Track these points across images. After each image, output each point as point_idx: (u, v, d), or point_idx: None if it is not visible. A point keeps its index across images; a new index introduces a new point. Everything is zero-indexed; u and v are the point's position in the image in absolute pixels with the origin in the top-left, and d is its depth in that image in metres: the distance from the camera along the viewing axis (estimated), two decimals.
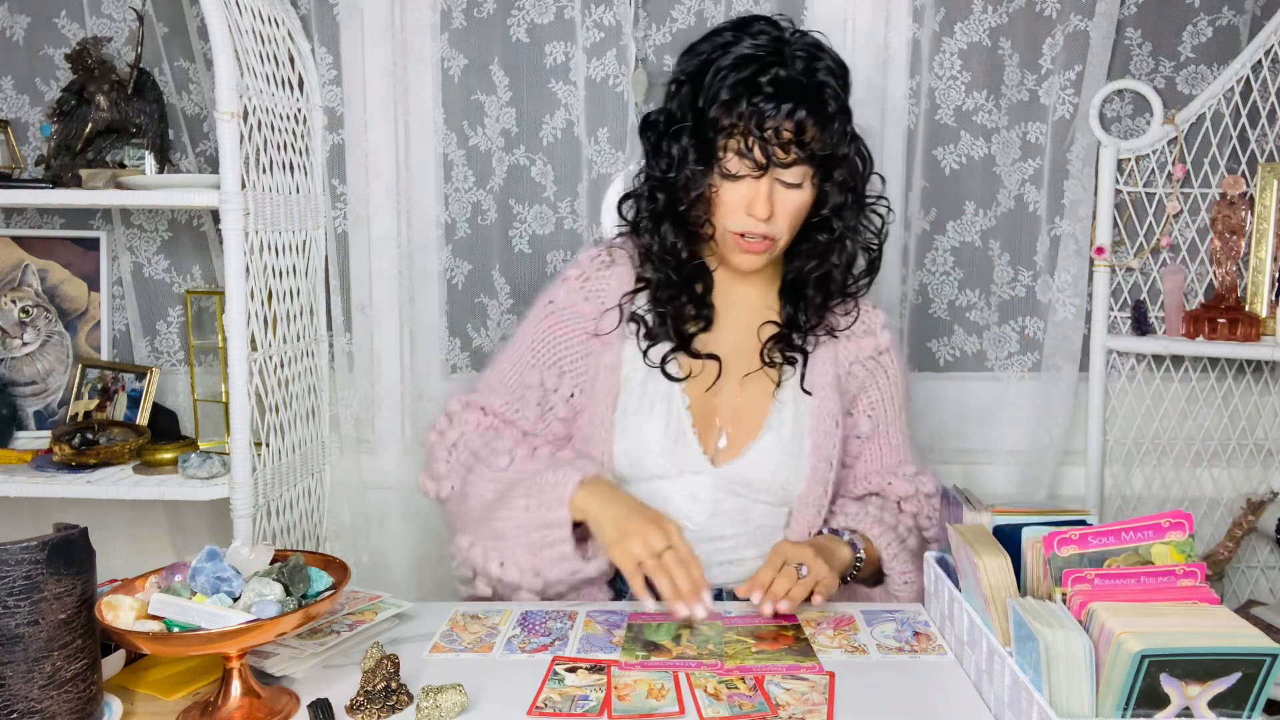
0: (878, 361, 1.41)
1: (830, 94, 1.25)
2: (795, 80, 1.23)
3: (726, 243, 1.30)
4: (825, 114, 1.24)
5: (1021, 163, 1.79)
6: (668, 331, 1.35)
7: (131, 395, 1.79)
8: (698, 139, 1.26)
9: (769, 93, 1.22)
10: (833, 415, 1.36)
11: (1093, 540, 0.95)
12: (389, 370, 1.89)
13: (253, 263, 1.56)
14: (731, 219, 1.27)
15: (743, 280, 1.38)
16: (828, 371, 1.37)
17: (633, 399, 1.35)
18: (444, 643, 1.15)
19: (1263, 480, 1.78)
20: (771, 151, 1.23)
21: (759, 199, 1.25)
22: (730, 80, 1.23)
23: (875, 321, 1.42)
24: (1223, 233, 1.70)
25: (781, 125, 1.22)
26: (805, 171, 1.26)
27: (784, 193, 1.26)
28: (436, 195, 1.86)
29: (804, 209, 1.29)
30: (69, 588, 0.92)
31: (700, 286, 1.37)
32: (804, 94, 1.23)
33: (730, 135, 1.24)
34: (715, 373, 1.35)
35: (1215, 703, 0.80)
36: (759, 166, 1.23)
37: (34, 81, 1.89)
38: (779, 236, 1.29)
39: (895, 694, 1.02)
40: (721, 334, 1.38)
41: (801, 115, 1.22)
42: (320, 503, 1.86)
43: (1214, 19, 1.74)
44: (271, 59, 1.66)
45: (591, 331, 1.37)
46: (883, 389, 1.42)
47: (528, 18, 1.79)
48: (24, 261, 1.83)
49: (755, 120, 1.22)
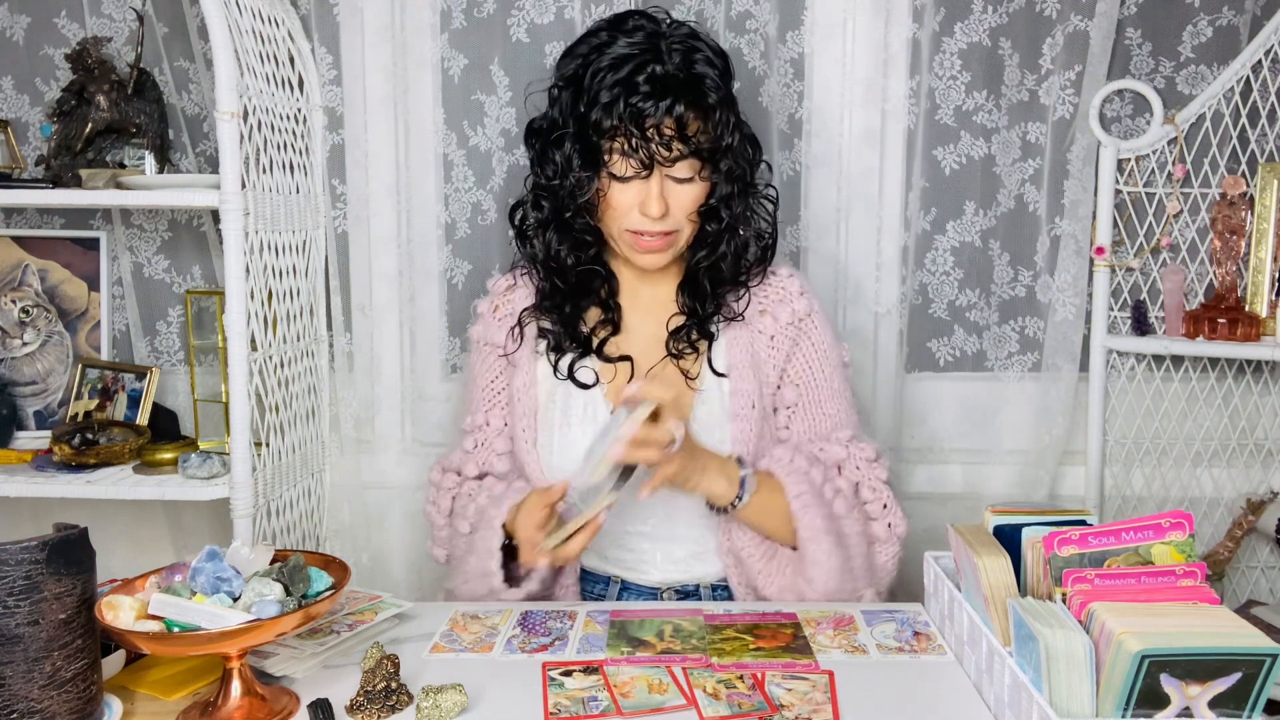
0: (799, 329, 1.37)
1: (710, 85, 1.24)
2: (673, 75, 1.22)
3: (625, 243, 1.30)
4: (706, 106, 1.24)
5: (1021, 163, 1.79)
6: (568, 339, 1.35)
7: (131, 395, 1.79)
8: (581, 143, 1.26)
9: (646, 91, 1.21)
10: (749, 396, 1.33)
11: (1093, 540, 0.95)
12: (389, 370, 1.90)
13: (253, 263, 1.56)
14: (626, 220, 1.27)
15: (649, 279, 1.37)
16: (744, 351, 1.35)
17: (555, 414, 1.35)
18: (444, 643, 1.15)
19: (1263, 480, 1.78)
20: (655, 151, 1.22)
21: (651, 198, 1.24)
22: (608, 81, 1.22)
23: (791, 288, 1.38)
24: (1223, 233, 1.70)
25: (662, 122, 1.22)
26: (694, 165, 1.25)
27: (675, 188, 1.26)
28: (436, 195, 1.86)
29: (699, 201, 1.28)
30: (69, 588, 0.92)
31: (604, 290, 1.37)
32: (682, 88, 1.22)
33: (613, 137, 1.23)
34: (629, 375, 1.34)
35: (1215, 703, 0.80)
36: (644, 166, 1.23)
37: (34, 81, 1.89)
38: (678, 230, 1.28)
39: (895, 694, 1.02)
40: (632, 335, 1.37)
41: (681, 110, 1.21)
42: (320, 503, 1.86)
43: (1214, 19, 1.74)
44: (271, 59, 1.66)
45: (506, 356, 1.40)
46: (808, 356, 1.37)
47: (528, 18, 1.79)
48: (24, 261, 1.83)
49: (635, 120, 1.21)
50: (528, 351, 1.39)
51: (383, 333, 1.88)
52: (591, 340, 1.36)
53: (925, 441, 1.88)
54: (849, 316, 1.83)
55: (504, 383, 1.41)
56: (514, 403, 1.38)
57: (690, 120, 1.23)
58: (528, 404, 1.37)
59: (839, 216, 1.82)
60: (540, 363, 1.38)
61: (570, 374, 1.35)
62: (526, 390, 1.37)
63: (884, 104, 1.78)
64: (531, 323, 1.39)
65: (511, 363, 1.40)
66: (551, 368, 1.36)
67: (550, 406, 1.36)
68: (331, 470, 1.87)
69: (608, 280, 1.38)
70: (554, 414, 1.35)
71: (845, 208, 1.81)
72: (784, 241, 1.82)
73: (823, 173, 1.81)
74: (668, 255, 1.30)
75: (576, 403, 1.35)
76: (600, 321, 1.37)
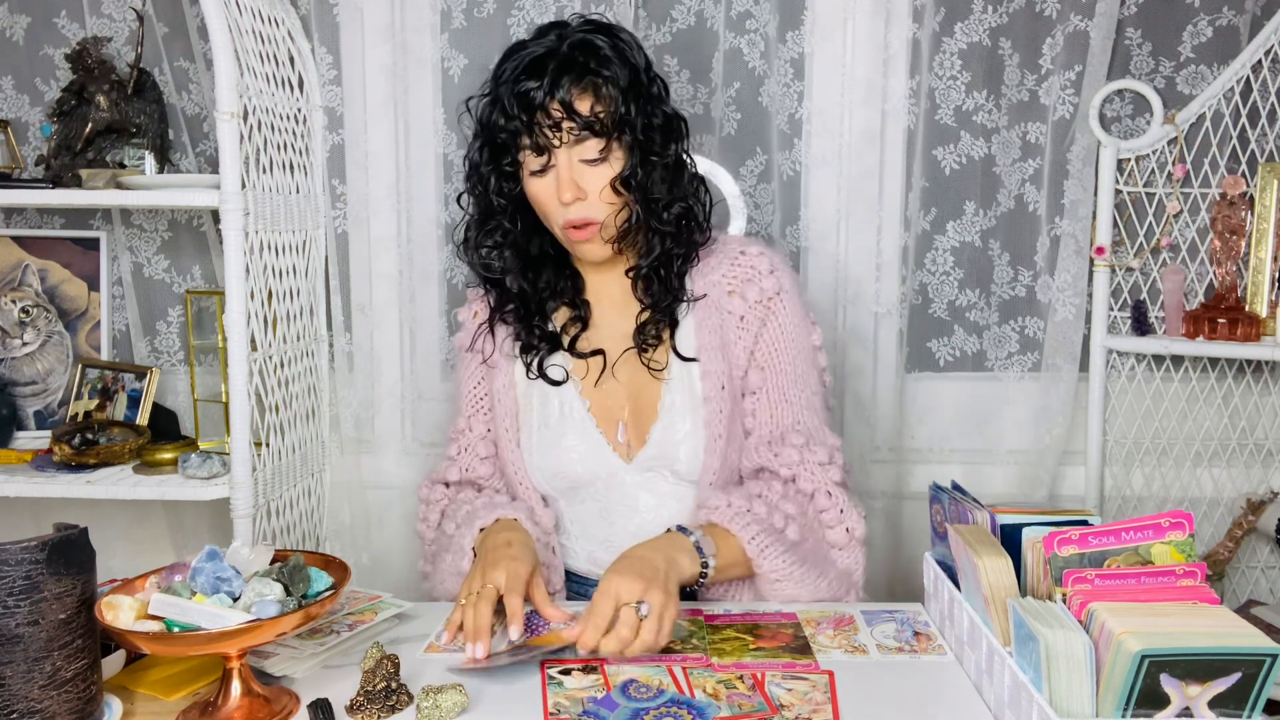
0: (767, 308, 1.32)
1: (590, 55, 1.22)
2: (552, 53, 1.22)
3: (565, 240, 1.30)
4: (592, 77, 1.22)
5: (1021, 163, 1.79)
6: (536, 339, 1.35)
7: (131, 395, 1.79)
8: (492, 146, 1.26)
9: (528, 75, 1.21)
10: (719, 377, 1.30)
11: (1093, 540, 0.95)
12: (389, 370, 1.90)
13: (253, 263, 1.56)
14: (554, 215, 1.27)
15: (611, 276, 1.37)
16: (713, 333, 1.32)
17: (535, 415, 1.36)
18: (440, 643, 1.15)
19: (1263, 480, 1.78)
20: (549, 135, 1.22)
21: (560, 183, 1.23)
22: (507, 79, 1.23)
23: (760, 267, 1.34)
24: (1223, 233, 1.70)
25: (548, 103, 1.21)
26: (599, 144, 1.23)
27: (588, 170, 1.24)
28: (436, 195, 1.86)
29: (610, 178, 1.25)
30: (69, 588, 0.92)
31: (570, 289, 1.37)
32: (563, 65, 1.21)
33: (517, 134, 1.23)
34: (600, 370, 1.34)
35: (1215, 703, 0.80)
36: (541, 150, 1.22)
37: (34, 81, 1.89)
38: (598, 216, 1.25)
39: (895, 694, 1.02)
40: (603, 329, 1.37)
41: (566, 86, 1.20)
42: (320, 503, 1.86)
43: (1214, 19, 1.74)
44: (271, 59, 1.66)
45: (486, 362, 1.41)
46: (774, 337, 1.32)
47: (528, 18, 1.79)
48: (24, 261, 1.83)
49: (524, 108, 1.21)
50: (502, 355, 1.39)
51: (382, 333, 1.88)
52: (561, 338, 1.37)
53: (925, 441, 1.88)
54: (849, 316, 1.84)
55: (485, 389, 1.42)
56: (495, 405, 1.39)
57: (578, 97, 1.22)
58: (507, 405, 1.38)
59: (839, 216, 1.82)
60: (516, 364, 1.39)
61: (541, 372, 1.35)
62: (506, 392, 1.38)
63: (884, 104, 1.78)
64: (502, 326, 1.39)
65: (490, 365, 1.41)
66: (525, 368, 1.37)
67: (529, 407, 1.37)
68: (331, 470, 1.87)
69: (573, 279, 1.38)
70: (533, 414, 1.36)
71: (845, 208, 1.81)
72: (784, 241, 1.82)
73: (823, 173, 1.81)
74: (604, 244, 1.29)
75: (553, 402, 1.35)
76: (569, 320, 1.38)
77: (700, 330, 1.33)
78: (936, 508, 1.20)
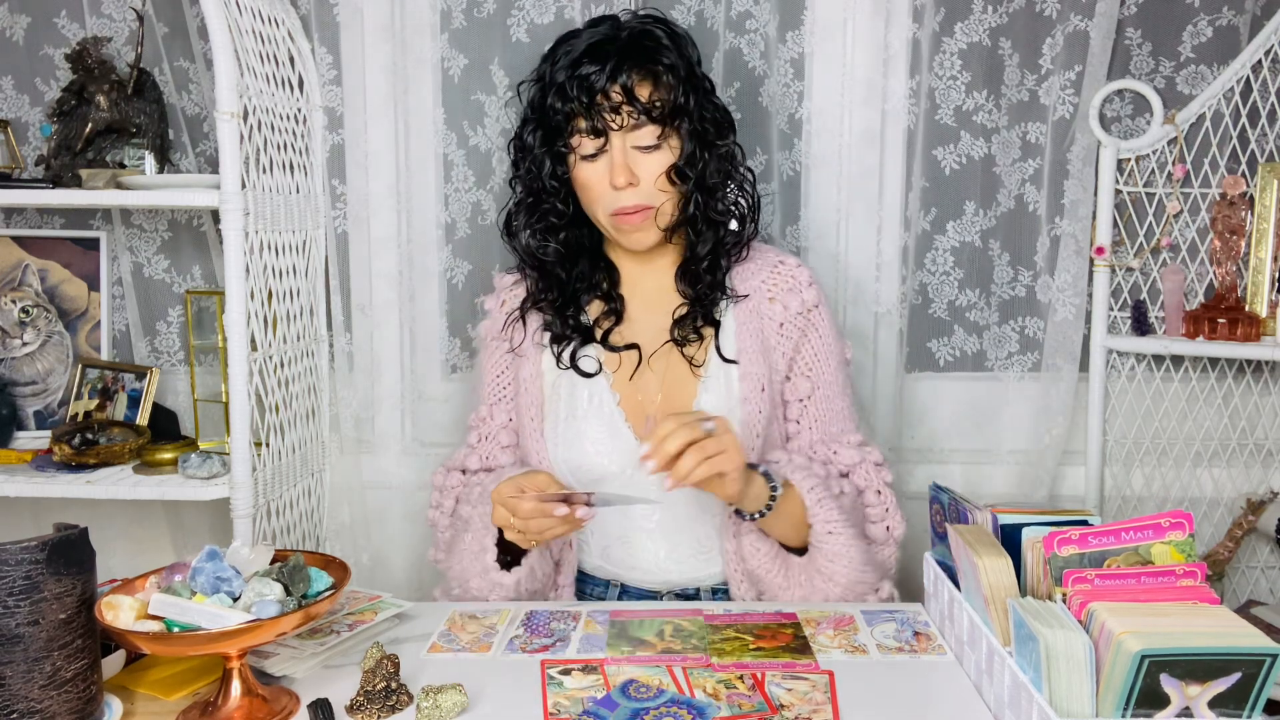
0: (807, 319, 1.38)
1: (653, 45, 1.26)
2: (614, 38, 1.25)
3: (611, 227, 1.31)
4: (654, 69, 1.25)
5: (1021, 163, 1.79)
6: (569, 329, 1.36)
7: (131, 395, 1.79)
8: (544, 129, 1.29)
9: (590, 59, 1.24)
10: (759, 379, 1.33)
11: (1093, 540, 0.95)
12: (389, 370, 1.89)
13: (253, 263, 1.56)
14: (603, 199, 1.28)
15: (650, 268, 1.38)
16: (753, 336, 1.35)
17: (561, 406, 1.36)
18: (442, 642, 1.15)
19: (1263, 480, 1.78)
20: (607, 119, 1.24)
21: (614, 167, 1.25)
22: (563, 64, 1.26)
23: (801, 278, 1.38)
24: (1223, 233, 1.70)
25: (609, 88, 1.23)
26: (655, 131, 1.26)
27: (641, 157, 1.26)
28: (436, 195, 1.86)
29: (665, 166, 1.28)
30: (69, 588, 0.92)
31: (605, 282, 1.38)
32: (625, 52, 1.24)
33: (572, 116, 1.25)
34: (635, 364, 1.35)
35: (1215, 703, 0.80)
36: (598, 134, 1.24)
37: (34, 81, 1.89)
38: (653, 202, 1.28)
39: (895, 694, 1.02)
40: (637, 323, 1.38)
41: (627, 74, 1.23)
42: (320, 503, 1.86)
43: (1214, 19, 1.74)
44: (271, 59, 1.66)
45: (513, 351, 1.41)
46: (816, 348, 1.38)
47: (528, 18, 1.79)
48: (24, 261, 1.83)
49: (584, 91, 1.23)
50: (532, 344, 1.39)
51: (383, 333, 1.88)
52: (594, 330, 1.37)
53: (925, 441, 1.88)
54: (849, 316, 1.83)
55: (510, 377, 1.42)
56: (520, 395, 1.39)
57: (638, 83, 1.25)
58: (534, 395, 1.37)
59: (839, 216, 1.82)
60: (545, 354, 1.39)
61: (573, 363, 1.35)
62: (532, 381, 1.38)
63: (884, 104, 1.78)
64: (534, 315, 1.39)
65: (518, 355, 1.40)
66: (555, 359, 1.36)
67: (555, 398, 1.37)
68: (331, 470, 1.87)
69: (608, 272, 1.38)
70: (559, 405, 1.36)
71: (845, 208, 1.81)
72: (784, 241, 1.82)
73: (823, 173, 1.81)
74: (652, 232, 1.31)
75: (581, 394, 1.35)
76: (603, 313, 1.38)
77: (741, 333, 1.35)
78: (936, 508, 1.21)
